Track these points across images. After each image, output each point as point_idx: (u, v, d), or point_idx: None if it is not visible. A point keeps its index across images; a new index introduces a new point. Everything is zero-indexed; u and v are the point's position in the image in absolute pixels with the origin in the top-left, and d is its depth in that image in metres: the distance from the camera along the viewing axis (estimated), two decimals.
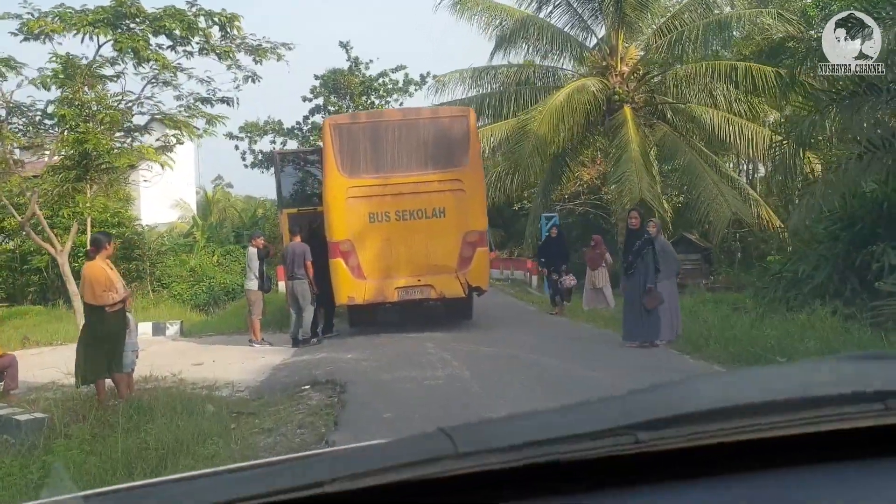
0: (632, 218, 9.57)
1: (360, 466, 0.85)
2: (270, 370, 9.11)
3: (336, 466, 0.90)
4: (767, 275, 13.40)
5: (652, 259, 9.10)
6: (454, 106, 16.15)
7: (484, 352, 9.01)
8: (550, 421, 0.97)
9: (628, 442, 0.87)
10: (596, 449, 0.87)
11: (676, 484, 0.91)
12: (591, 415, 0.99)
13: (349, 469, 0.85)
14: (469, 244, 10.74)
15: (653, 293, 9.00)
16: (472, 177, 10.87)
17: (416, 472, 0.83)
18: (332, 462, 1.03)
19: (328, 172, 10.76)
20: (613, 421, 0.90)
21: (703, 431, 0.90)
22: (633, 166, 15.87)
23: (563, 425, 0.93)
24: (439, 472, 0.84)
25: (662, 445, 0.88)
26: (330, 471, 0.85)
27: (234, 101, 16.14)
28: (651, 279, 9.04)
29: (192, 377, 8.91)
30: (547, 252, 13.66)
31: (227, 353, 10.75)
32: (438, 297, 10.86)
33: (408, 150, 10.77)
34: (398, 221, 10.67)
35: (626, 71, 18.21)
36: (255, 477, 1.02)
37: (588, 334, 10.52)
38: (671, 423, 0.90)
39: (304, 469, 0.99)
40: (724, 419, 0.91)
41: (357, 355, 9.23)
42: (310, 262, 10.52)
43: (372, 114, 13.29)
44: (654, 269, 9.09)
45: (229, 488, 0.89)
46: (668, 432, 0.89)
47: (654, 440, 0.88)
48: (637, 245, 9.20)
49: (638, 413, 0.93)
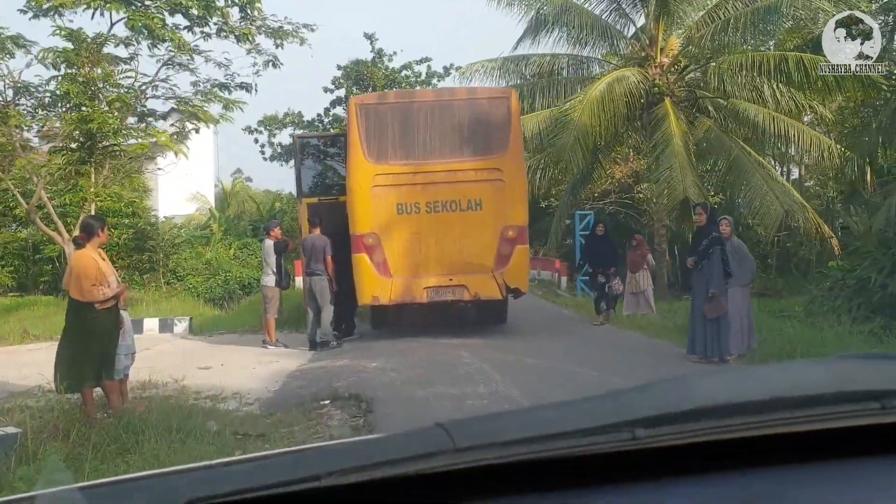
0: (697, 214, 8.26)
1: (358, 461, 0.84)
2: (285, 378, 7.88)
3: (333, 460, 0.86)
4: (829, 281, 11.99)
5: (720, 261, 7.79)
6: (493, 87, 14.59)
7: (529, 364, 7.71)
8: (548, 417, 0.95)
9: (626, 438, 0.86)
10: (593, 445, 0.86)
11: (674, 481, 0.89)
12: (589, 411, 0.95)
13: (346, 463, 0.83)
14: (507, 241, 9.43)
15: (715, 300, 7.69)
16: (513, 166, 9.55)
17: (413, 466, 0.82)
18: (329, 456, 0.97)
19: (353, 157, 9.49)
20: (611, 418, 0.89)
21: (700, 429, 0.89)
22: (676, 162, 14.51)
23: (560, 422, 0.91)
24: (437, 467, 0.82)
25: (660, 442, 0.88)
26: (327, 465, 0.83)
27: (253, 88, 15.07)
28: (717, 284, 7.72)
29: (197, 383, 7.72)
30: (592, 252, 11.81)
31: (237, 354, 9.53)
32: (472, 298, 9.55)
33: (441, 134, 9.47)
34: (429, 213, 9.39)
35: (667, 62, 16.82)
36: (251, 470, 0.94)
37: (641, 345, 9.17)
38: (669, 420, 0.89)
39: (300, 462, 0.94)
40: (722, 417, 0.90)
41: (383, 363, 7.97)
42: (330, 256, 9.27)
43: (402, 93, 11.63)
44: (722, 273, 7.78)
45: (225, 481, 0.86)
46: (666, 429, 0.88)
47: (652, 437, 0.87)
48: (703, 244, 7.88)
49: (635, 410, 0.91)
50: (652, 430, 0.87)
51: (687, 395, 1.01)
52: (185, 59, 14.48)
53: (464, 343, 9.05)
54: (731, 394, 0.98)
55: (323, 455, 1.01)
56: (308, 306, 9.73)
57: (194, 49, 14.16)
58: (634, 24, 17.41)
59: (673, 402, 0.95)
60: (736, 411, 0.91)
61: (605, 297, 11.49)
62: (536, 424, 0.91)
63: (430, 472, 0.82)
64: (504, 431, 0.88)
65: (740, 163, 15.45)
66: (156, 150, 28.44)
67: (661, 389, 1.04)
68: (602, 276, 11.42)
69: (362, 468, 0.81)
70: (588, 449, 0.86)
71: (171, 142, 14.71)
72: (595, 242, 11.83)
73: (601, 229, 11.89)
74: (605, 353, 8.47)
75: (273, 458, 1.07)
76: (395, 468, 0.82)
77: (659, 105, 16.13)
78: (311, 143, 12.19)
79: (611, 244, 12.07)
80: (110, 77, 12.84)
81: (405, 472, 0.81)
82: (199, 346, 10.50)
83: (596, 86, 15.06)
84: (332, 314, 9.42)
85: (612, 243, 12.31)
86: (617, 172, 20.45)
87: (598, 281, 11.56)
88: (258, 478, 0.84)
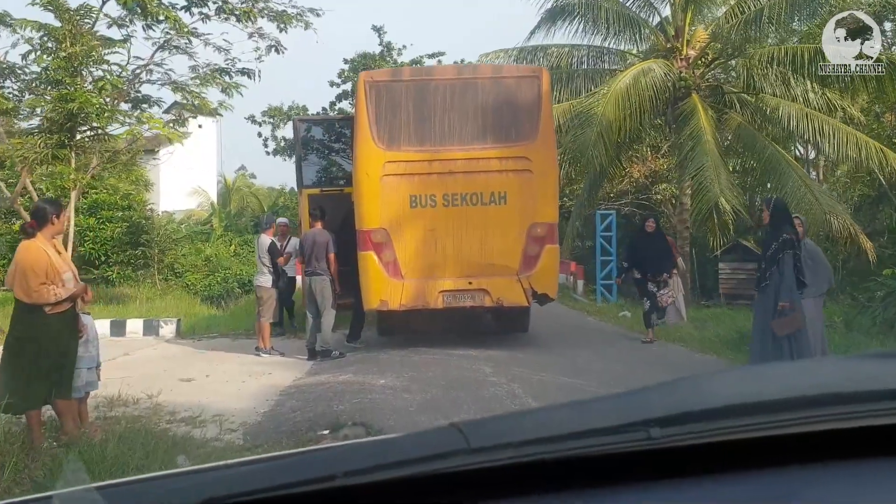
0: (763, 212, 6.97)
1: (372, 461, 0.83)
2: (277, 396, 6.59)
3: (348, 460, 0.85)
4: (882, 290, 10.72)
5: (792, 268, 6.49)
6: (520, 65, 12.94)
7: (565, 385, 6.39)
8: (563, 417, 0.93)
9: (641, 438, 0.85)
10: (608, 445, 0.85)
11: (690, 481, 0.88)
12: (604, 411, 0.93)
13: (361, 463, 0.82)
14: (535, 240, 8.13)
15: (787, 314, 6.39)
16: (543, 154, 8.24)
17: (428, 466, 0.81)
18: (343, 456, 0.93)
19: (360, 142, 8.21)
20: (626, 417, 0.87)
21: (716, 428, 0.87)
22: (709, 161, 13.20)
23: (575, 421, 0.89)
24: (452, 467, 0.81)
25: (676, 442, 0.86)
26: (342, 464, 0.82)
27: (256, 74, 13.91)
28: (789, 295, 6.42)
29: (174, 400, 6.46)
30: (641, 254, 9.56)
31: (226, 363, 8.26)
32: (494, 305, 8.25)
33: (462, 117, 8.18)
34: (446, 207, 8.09)
35: (694, 55, 15.51)
36: (266, 470, 0.91)
37: (688, 361, 7.85)
38: (685, 419, 0.87)
39: (316, 462, 0.92)
40: (739, 416, 0.88)
41: (393, 381, 6.66)
42: (333, 254, 7.98)
43: (419, 70, 9.78)
44: (794, 282, 6.48)
45: (241, 481, 0.85)
46: (682, 429, 0.86)
47: (668, 437, 0.85)
48: (773, 248, 6.57)
49: (651, 409, 0.89)
50: (668, 430, 0.85)
51: (703, 395, 0.97)
52: (182, 42, 13.33)
53: (485, 355, 7.77)
54: (748, 392, 0.94)
55: (338, 455, 0.95)
56: (308, 310, 8.45)
57: (192, 31, 12.95)
58: (659, 13, 16.12)
59: (689, 401, 0.92)
60: (753, 410, 0.89)
61: (656, 309, 9.43)
62: (551, 424, 0.89)
63: (445, 472, 0.81)
64: (519, 431, 0.87)
65: (775, 162, 14.10)
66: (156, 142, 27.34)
67: (676, 389, 1.00)
68: (653, 284, 9.37)
69: (378, 468, 0.80)
70: (604, 449, 0.84)
71: (166, 129, 13.45)
72: (645, 242, 9.67)
73: (651, 225, 9.72)
74: (649, 371, 7.14)
75: (288, 457, 1.04)
76: (411, 468, 0.80)
77: (685, 100, 14.85)
78: (314, 127, 10.83)
79: (665, 244, 9.96)
80: (94, 51, 11.53)
81: (420, 472, 0.80)
82: (184, 352, 9.21)
83: (621, 78, 13.76)
84: (334, 319, 8.14)
85: (667, 242, 10.23)
86: (635, 172, 19.16)
87: (648, 289, 9.42)
88: (274, 477, 0.82)
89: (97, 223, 18.68)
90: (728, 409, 0.88)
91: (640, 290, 9.79)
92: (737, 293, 18.42)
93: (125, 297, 17.15)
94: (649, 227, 9.80)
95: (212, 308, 16.79)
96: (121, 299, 16.77)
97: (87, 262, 18.72)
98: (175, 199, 27.60)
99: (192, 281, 19.23)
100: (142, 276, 18.07)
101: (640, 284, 9.70)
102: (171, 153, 15.11)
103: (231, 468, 1.04)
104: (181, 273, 19.72)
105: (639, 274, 9.57)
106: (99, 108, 10.77)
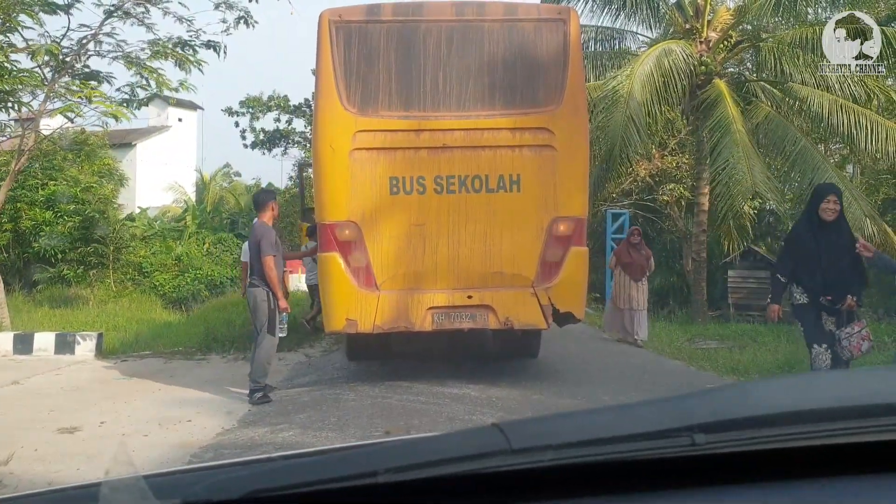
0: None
1: (414, 458, 0.80)
2: (182, 465, 4.16)
3: (389, 457, 0.82)
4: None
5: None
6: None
7: None
8: (605, 421, 0.89)
9: (685, 444, 0.80)
10: (651, 450, 0.80)
11: (733, 488, 0.82)
12: (648, 416, 0.88)
13: (403, 460, 0.79)
14: (558, 240, 5.72)
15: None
16: (570, 125, 5.79)
17: (469, 466, 0.77)
18: (386, 453, 0.90)
19: (323, 104, 5.75)
20: (670, 423, 0.82)
21: (762, 436, 0.82)
22: (740, 151, 10.93)
23: (618, 425, 0.84)
24: (492, 467, 0.77)
25: (720, 449, 0.81)
26: (384, 461, 0.78)
27: (222, 49, 11.58)
28: None
29: (32, 470, 4.04)
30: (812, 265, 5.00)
31: (137, 400, 5.78)
32: (502, 326, 5.79)
33: (462, 72, 5.75)
34: (439, 195, 5.67)
35: (715, 38, 13.23)
36: (310, 464, 0.92)
37: None
38: (730, 426, 0.82)
39: (358, 459, 0.88)
40: (785, 424, 0.83)
41: (356, 442, 4.26)
42: (270, 256, 5.47)
43: (405, 7, 5.87)
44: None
45: (286, 474, 0.82)
46: (727, 436, 0.82)
47: (712, 443, 0.81)
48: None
49: (695, 415, 0.84)
50: (712, 436, 0.80)
51: (749, 402, 0.91)
52: (139, 10, 10.96)
53: (487, 397, 5.34)
54: (796, 401, 0.89)
55: (380, 452, 0.92)
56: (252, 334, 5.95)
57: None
58: None
59: (734, 408, 0.87)
60: (800, 419, 0.84)
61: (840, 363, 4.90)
62: (593, 427, 0.85)
63: (486, 473, 0.77)
64: (560, 433, 0.83)
65: (808, 156, 11.84)
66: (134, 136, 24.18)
67: (722, 395, 0.98)
68: (830, 312, 4.96)
69: (419, 465, 0.78)
70: (646, 454, 0.80)
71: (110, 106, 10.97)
72: (823, 244, 4.97)
73: (835, 206, 4.96)
74: None
75: (330, 453, 1.00)
76: (452, 467, 0.77)
77: (706, 87, 12.58)
78: None
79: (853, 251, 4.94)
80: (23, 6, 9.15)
81: (461, 471, 0.77)
82: (92, 381, 6.69)
83: (643, 59, 11.48)
84: (274, 347, 5.62)
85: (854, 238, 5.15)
86: (641, 170, 16.90)
87: (824, 326, 4.99)
88: (318, 472, 0.80)
89: (54, 217, 16.11)
90: (774, 416, 0.83)
91: (810, 324, 5.03)
92: (747, 303, 16.27)
93: (78, 298, 14.62)
94: (828, 215, 4.95)
95: (171, 313, 14.30)
96: (72, 302, 14.25)
97: (42, 260, 16.21)
98: (152, 196, 25.18)
99: (160, 281, 16.88)
100: (95, 276, 15.49)
101: (810, 313, 5.03)
102: (104, 123, 12.46)
103: (275, 461, 1.00)
104: (149, 272, 17.32)
105: (806, 296, 5.03)
106: (9, 71, 8.32)
